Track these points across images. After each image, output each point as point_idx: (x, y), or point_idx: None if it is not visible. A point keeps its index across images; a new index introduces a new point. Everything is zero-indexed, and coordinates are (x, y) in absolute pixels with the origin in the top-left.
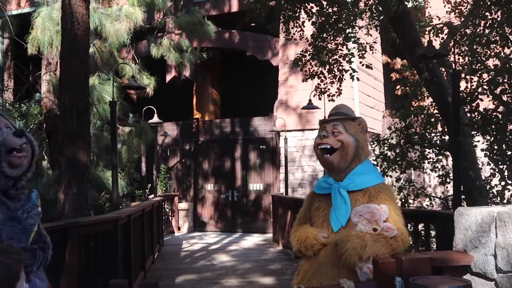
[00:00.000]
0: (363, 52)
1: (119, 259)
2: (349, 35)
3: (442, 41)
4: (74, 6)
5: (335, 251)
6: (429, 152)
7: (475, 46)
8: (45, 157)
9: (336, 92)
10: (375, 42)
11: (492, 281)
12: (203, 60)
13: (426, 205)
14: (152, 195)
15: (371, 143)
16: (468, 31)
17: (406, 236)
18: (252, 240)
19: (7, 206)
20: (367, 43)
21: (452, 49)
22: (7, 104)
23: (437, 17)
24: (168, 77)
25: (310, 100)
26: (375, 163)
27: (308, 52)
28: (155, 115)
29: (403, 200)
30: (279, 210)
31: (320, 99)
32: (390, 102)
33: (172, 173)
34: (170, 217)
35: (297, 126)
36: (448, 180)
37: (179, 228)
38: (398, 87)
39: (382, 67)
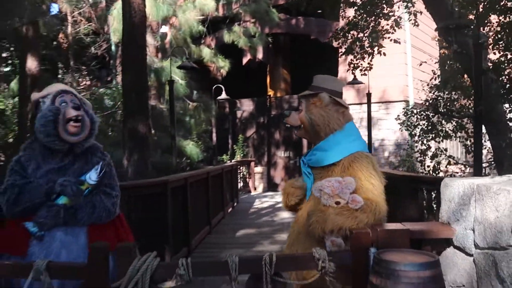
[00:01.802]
0: (395, 27)
1: (168, 218)
2: (389, 13)
3: (476, 13)
4: None
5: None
6: (467, 122)
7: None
8: None
9: (367, 67)
10: (400, 18)
11: (471, 257)
12: (275, 45)
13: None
14: (229, 161)
15: (405, 114)
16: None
17: (380, 206)
18: None
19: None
20: (399, 17)
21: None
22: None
23: None
24: (245, 60)
25: (355, 76)
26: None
27: (342, 29)
28: (223, 92)
29: (435, 167)
30: None
31: (353, 73)
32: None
33: (249, 142)
34: (247, 179)
35: (355, 100)
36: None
37: (255, 188)
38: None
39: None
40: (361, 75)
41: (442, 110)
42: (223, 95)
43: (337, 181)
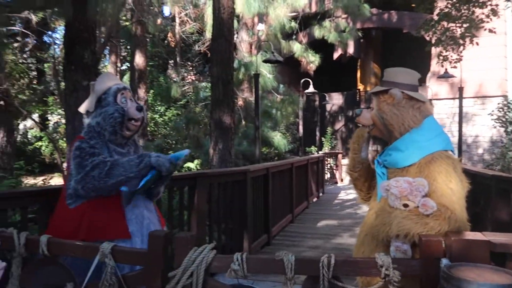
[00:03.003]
0: (491, 16)
1: (248, 206)
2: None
3: None
4: None
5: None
6: None
7: None
8: None
9: (457, 58)
10: (497, 5)
11: None
12: (366, 39)
13: None
14: (316, 152)
15: (500, 110)
16: None
17: (456, 215)
18: None
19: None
20: (496, 5)
21: None
22: None
23: None
24: (336, 55)
25: (446, 69)
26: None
27: (432, 20)
28: (311, 86)
29: None
30: None
31: (442, 66)
32: None
33: (337, 135)
34: (334, 171)
35: (448, 95)
36: None
37: (341, 180)
38: None
39: None
40: (451, 67)
41: None
42: (311, 89)
43: (407, 182)
